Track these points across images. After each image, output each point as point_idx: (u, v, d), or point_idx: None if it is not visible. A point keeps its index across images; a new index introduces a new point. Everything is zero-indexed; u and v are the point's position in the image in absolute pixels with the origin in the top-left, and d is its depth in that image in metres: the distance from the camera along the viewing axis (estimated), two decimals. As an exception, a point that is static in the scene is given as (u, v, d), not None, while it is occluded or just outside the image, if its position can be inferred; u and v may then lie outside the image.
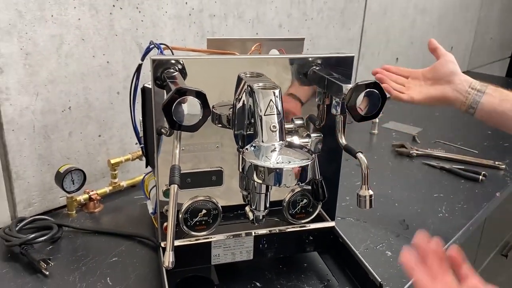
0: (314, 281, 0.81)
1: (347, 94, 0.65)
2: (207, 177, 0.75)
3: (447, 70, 0.92)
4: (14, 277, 0.79)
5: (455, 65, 0.93)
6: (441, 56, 0.95)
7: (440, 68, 0.93)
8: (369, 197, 0.69)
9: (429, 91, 0.92)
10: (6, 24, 0.83)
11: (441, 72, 0.92)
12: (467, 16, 2.49)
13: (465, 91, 0.89)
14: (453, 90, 0.90)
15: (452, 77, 0.91)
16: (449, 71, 0.92)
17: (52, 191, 0.98)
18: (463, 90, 0.89)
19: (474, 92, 0.89)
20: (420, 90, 0.93)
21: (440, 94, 0.91)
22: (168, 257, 0.58)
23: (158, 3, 1.04)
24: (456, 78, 0.91)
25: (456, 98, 0.90)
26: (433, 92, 0.92)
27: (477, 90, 0.89)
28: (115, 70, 1.01)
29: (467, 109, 0.90)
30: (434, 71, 0.94)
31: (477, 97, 0.88)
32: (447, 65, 0.93)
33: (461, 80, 0.91)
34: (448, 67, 0.92)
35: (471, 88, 0.90)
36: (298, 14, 1.42)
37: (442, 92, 0.91)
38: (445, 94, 0.91)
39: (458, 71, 0.92)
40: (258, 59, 0.75)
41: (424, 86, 0.94)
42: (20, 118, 0.89)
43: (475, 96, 0.88)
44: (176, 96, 0.57)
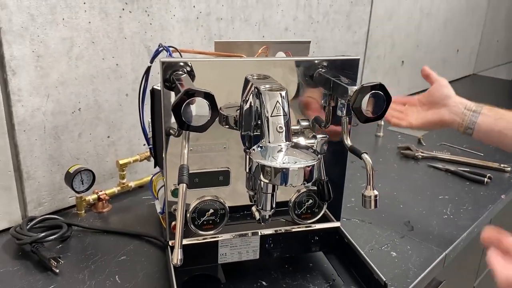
0: (320, 281, 0.82)
1: (352, 96, 0.66)
2: (214, 177, 0.76)
3: (441, 94, 0.95)
4: (25, 274, 0.81)
5: (449, 88, 0.96)
6: (434, 81, 0.98)
7: (435, 92, 0.96)
8: (374, 197, 0.70)
9: (426, 116, 0.95)
10: (19, 27, 0.85)
11: (436, 96, 0.95)
12: (473, 19, 2.49)
13: (461, 113, 0.91)
14: (449, 113, 0.92)
15: (447, 100, 0.93)
16: (443, 95, 0.94)
17: (62, 191, 1.00)
18: (458, 112, 0.92)
19: (470, 113, 0.91)
20: (417, 116, 0.96)
21: (437, 118, 0.93)
22: (176, 254, 0.59)
23: (166, 6, 1.06)
24: (451, 101, 0.93)
25: (453, 120, 0.92)
26: (430, 117, 0.94)
27: (472, 111, 0.91)
28: (124, 73, 1.03)
29: (464, 130, 0.92)
30: (429, 96, 0.97)
31: (473, 118, 0.90)
32: (441, 90, 0.95)
33: (456, 102, 0.93)
34: (442, 91, 0.95)
35: (467, 109, 0.92)
36: (304, 17, 1.43)
37: (439, 116, 0.93)
38: (442, 118, 0.93)
39: (452, 94, 0.95)
40: (264, 61, 0.76)
41: (421, 111, 0.96)
42: (32, 119, 0.91)
43: (471, 117, 0.90)
44: (185, 98, 0.59)
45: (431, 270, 0.88)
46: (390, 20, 1.83)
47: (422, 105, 0.97)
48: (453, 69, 2.47)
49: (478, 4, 2.49)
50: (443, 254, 0.92)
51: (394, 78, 1.99)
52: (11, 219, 0.93)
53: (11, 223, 0.93)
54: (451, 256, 0.95)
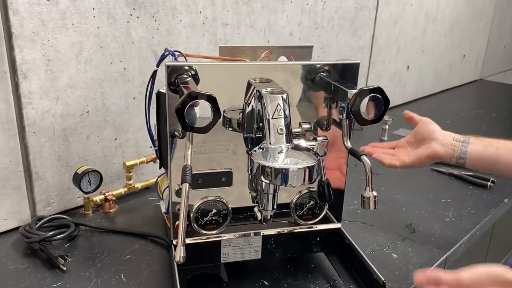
0: (321, 281, 0.84)
1: (351, 99, 0.67)
2: (217, 178, 0.78)
3: (428, 129, 0.96)
4: (34, 271, 0.83)
5: (434, 124, 0.97)
6: (418, 121, 0.99)
7: (421, 130, 0.97)
8: (373, 198, 0.72)
9: (418, 153, 0.95)
10: (30, 32, 0.88)
11: (423, 133, 0.96)
12: (479, 24, 2.50)
13: (450, 144, 0.93)
14: (440, 146, 0.93)
15: (434, 134, 0.95)
16: (430, 130, 0.96)
17: (70, 192, 1.02)
18: (448, 144, 0.93)
19: (459, 144, 0.92)
20: (409, 154, 0.97)
21: (429, 152, 0.94)
22: (179, 252, 0.61)
23: (173, 12, 1.08)
24: (438, 134, 0.95)
25: (445, 152, 0.93)
26: (423, 152, 0.95)
27: (461, 142, 0.92)
28: (131, 76, 1.06)
29: (457, 160, 0.93)
30: (416, 135, 0.98)
31: (463, 148, 0.92)
32: (427, 126, 0.97)
33: (444, 135, 0.94)
34: (428, 127, 0.96)
35: (455, 140, 0.93)
36: (309, 23, 1.45)
37: (430, 150, 0.94)
38: (433, 151, 0.93)
39: (438, 128, 0.96)
40: (267, 65, 0.78)
41: (411, 150, 0.97)
42: (41, 121, 0.94)
43: (461, 146, 0.92)
44: (188, 100, 0.61)
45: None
46: (395, 25, 1.85)
47: (410, 144, 0.99)
48: (459, 74, 2.48)
49: (485, 9, 2.50)
50: (443, 257, 0.93)
51: (400, 83, 2.00)
52: (21, 219, 0.96)
53: (21, 222, 0.96)
54: (452, 258, 0.96)
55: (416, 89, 2.13)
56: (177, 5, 1.08)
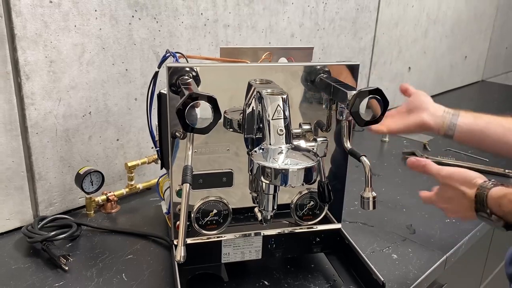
0: (321, 281, 0.84)
1: (351, 100, 0.68)
2: (218, 178, 0.79)
3: (420, 100, 0.96)
4: (36, 271, 0.84)
5: (427, 96, 0.98)
6: (412, 93, 1.00)
7: (413, 100, 0.97)
8: (372, 199, 0.72)
9: (406, 120, 0.96)
10: (33, 34, 0.88)
11: (415, 103, 0.96)
12: (481, 25, 2.50)
13: (440, 115, 0.93)
14: (430, 115, 0.93)
15: (426, 105, 0.95)
16: (422, 100, 0.96)
17: (72, 192, 1.03)
18: (438, 115, 0.93)
19: (449, 116, 0.93)
20: (397, 121, 0.97)
21: (418, 121, 0.94)
22: (179, 251, 0.61)
23: (175, 14, 1.09)
24: (430, 105, 0.95)
25: (434, 122, 0.93)
26: (412, 120, 0.95)
27: (451, 114, 0.93)
28: (133, 78, 1.06)
29: (446, 131, 0.93)
30: (408, 105, 0.98)
31: (453, 120, 0.92)
32: (420, 97, 0.97)
33: (435, 106, 0.95)
34: (420, 98, 0.97)
35: (446, 112, 0.94)
36: (310, 24, 1.46)
37: (420, 119, 0.94)
38: (422, 120, 0.94)
39: (431, 100, 0.96)
40: (267, 67, 0.78)
41: (400, 118, 0.97)
42: (44, 122, 0.95)
43: (451, 118, 0.92)
44: (189, 101, 0.61)
45: (431, 272, 0.89)
46: (396, 26, 1.85)
47: (401, 114, 0.98)
48: (461, 75, 2.48)
49: (486, 10, 2.50)
50: (443, 257, 0.93)
51: (401, 83, 2.00)
52: (23, 219, 0.97)
53: (23, 222, 0.97)
54: (452, 259, 0.96)
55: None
56: (178, 6, 1.09)
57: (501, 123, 0.91)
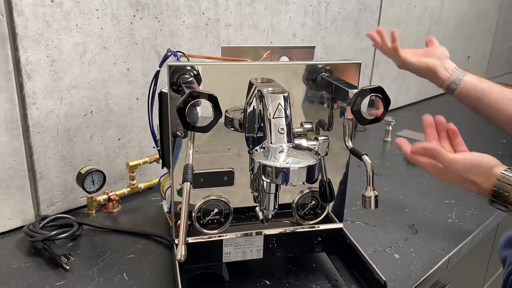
0: (322, 281, 0.84)
1: (352, 99, 0.68)
2: (219, 177, 0.78)
3: (440, 52, 1.03)
4: (37, 270, 0.84)
5: (447, 52, 1.04)
6: (435, 45, 1.07)
7: (434, 49, 1.04)
8: (374, 198, 0.72)
9: (421, 58, 1.02)
10: (35, 33, 0.89)
11: (434, 51, 1.03)
12: (484, 25, 2.49)
13: (451, 69, 1.00)
14: (442, 65, 1.00)
15: (442, 55, 1.02)
16: (441, 52, 1.03)
17: (74, 191, 1.03)
18: (450, 68, 1.00)
19: (459, 72, 1.00)
20: (412, 54, 1.04)
21: (431, 64, 1.01)
22: (180, 250, 0.61)
23: (176, 13, 1.09)
24: (445, 59, 1.02)
25: (443, 73, 1.00)
26: (425, 60, 1.02)
27: (460, 71, 1.00)
28: (134, 77, 1.06)
29: (450, 84, 1.00)
30: (427, 51, 1.05)
31: (460, 75, 0.99)
32: (440, 49, 1.04)
33: (449, 62, 1.02)
34: (440, 50, 1.03)
35: (456, 69, 1.01)
36: (312, 24, 1.46)
37: (433, 63, 1.01)
38: (435, 65, 1.00)
39: (448, 55, 1.03)
40: (269, 65, 0.78)
41: (415, 55, 1.04)
42: (45, 121, 0.95)
43: (459, 74, 0.99)
44: (189, 99, 0.61)
45: (433, 272, 0.89)
46: (399, 26, 1.85)
47: (418, 53, 1.05)
48: (464, 75, 2.46)
49: (489, 11, 2.49)
50: (446, 257, 0.93)
51: (403, 84, 2.00)
52: (25, 218, 0.97)
53: (25, 221, 0.97)
54: (454, 259, 0.96)
55: (420, 90, 2.12)
56: (180, 6, 1.09)
57: (502, 90, 0.96)
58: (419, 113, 1.04)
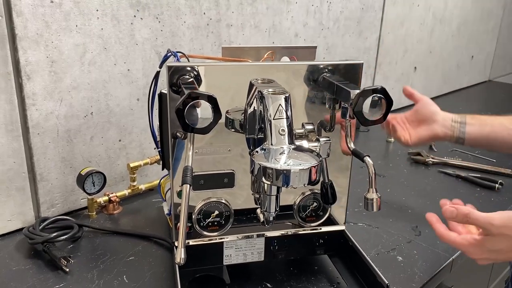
0: (324, 284, 0.83)
1: (354, 99, 0.67)
2: (219, 179, 0.78)
3: (429, 111, 1.01)
4: (37, 273, 0.83)
5: (434, 105, 1.02)
6: (419, 100, 1.04)
7: (422, 110, 1.02)
8: (376, 200, 0.71)
9: (420, 133, 1.00)
10: (34, 34, 0.88)
11: (424, 114, 1.01)
12: (488, 25, 2.47)
13: (450, 126, 0.98)
14: (441, 127, 0.98)
15: (435, 116, 1.00)
16: (431, 111, 1.01)
17: (74, 193, 1.02)
18: (448, 125, 0.98)
19: (457, 125, 0.98)
20: (411, 133, 1.01)
21: (431, 133, 0.99)
22: (179, 253, 0.60)
23: (177, 13, 1.08)
24: (439, 116, 1.00)
25: (445, 134, 0.99)
26: (425, 133, 1.00)
27: (459, 123, 0.98)
28: (135, 78, 1.06)
29: (456, 140, 0.99)
30: (417, 114, 1.02)
31: (461, 129, 0.97)
32: (428, 107, 1.01)
33: (443, 117, 1.00)
34: (429, 108, 1.01)
35: (454, 122, 0.99)
36: (314, 24, 1.45)
37: (432, 131, 0.99)
38: (434, 132, 0.99)
39: (438, 109, 1.01)
40: (269, 66, 0.77)
41: (411, 129, 1.01)
42: (45, 123, 0.94)
43: (460, 128, 0.98)
44: (189, 100, 0.60)
45: (437, 275, 0.88)
46: (402, 25, 1.83)
47: (410, 122, 1.02)
48: (467, 75, 2.45)
49: (493, 10, 2.47)
50: (450, 260, 0.92)
51: (407, 84, 1.99)
52: (25, 220, 0.96)
53: (25, 223, 0.96)
54: (458, 261, 0.94)
55: (423, 90, 2.11)
56: (181, 6, 1.08)
57: (505, 125, 0.96)
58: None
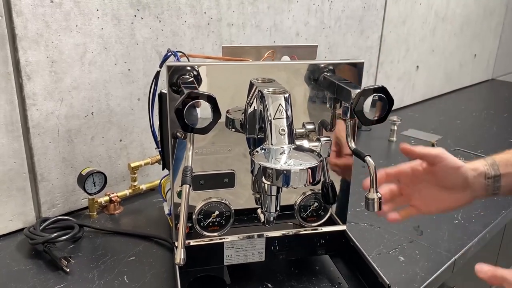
0: (325, 284, 0.83)
1: (355, 99, 0.66)
2: (219, 179, 0.77)
3: (459, 178, 0.74)
4: (37, 273, 0.83)
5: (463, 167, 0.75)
6: (437, 160, 0.76)
7: (449, 177, 0.75)
8: (378, 200, 0.70)
9: (448, 205, 0.77)
10: (34, 34, 0.88)
11: (452, 181, 0.75)
12: (491, 23, 2.46)
13: (484, 184, 0.75)
14: (474, 191, 0.75)
15: (467, 181, 0.74)
16: (462, 178, 0.74)
17: (75, 193, 1.02)
18: (481, 186, 0.75)
19: (491, 181, 0.75)
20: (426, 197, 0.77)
21: (464, 202, 0.77)
22: (179, 254, 0.60)
23: (177, 13, 1.08)
24: (470, 179, 0.74)
25: (476, 197, 0.77)
26: (455, 204, 0.77)
27: (493, 178, 0.75)
28: (136, 77, 1.05)
29: (489, 196, 0.77)
30: (440, 180, 0.76)
31: (496, 184, 0.75)
32: (458, 173, 0.74)
33: (475, 176, 0.75)
34: (459, 174, 0.74)
35: (487, 178, 0.75)
36: (315, 23, 1.44)
37: (465, 200, 0.77)
38: (468, 200, 0.77)
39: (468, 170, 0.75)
40: (270, 65, 0.77)
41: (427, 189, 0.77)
42: (46, 123, 0.94)
43: (494, 183, 0.75)
44: (188, 100, 0.60)
45: (439, 275, 0.87)
46: (404, 24, 1.83)
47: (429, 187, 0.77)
48: (470, 74, 2.44)
49: (496, 8, 2.46)
50: (452, 260, 0.91)
51: (409, 83, 1.98)
52: (26, 220, 0.96)
53: (26, 223, 0.96)
54: (460, 262, 0.94)
55: (425, 89, 2.10)
56: (181, 5, 1.08)
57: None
58: (425, 112, 1.03)
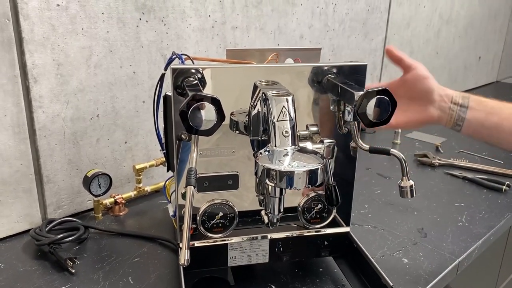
0: (329, 286, 0.83)
1: (358, 101, 0.66)
2: (223, 181, 0.78)
3: (424, 88, 0.80)
4: (43, 274, 0.84)
5: (430, 78, 0.81)
6: (410, 68, 0.82)
7: (417, 85, 0.81)
8: (410, 187, 0.72)
9: (410, 116, 0.82)
10: (41, 37, 0.89)
11: (419, 91, 0.81)
12: (495, 25, 2.46)
13: (448, 107, 0.80)
14: (436, 110, 0.80)
15: (431, 95, 0.80)
16: (427, 88, 0.80)
17: (80, 195, 1.03)
18: (445, 107, 0.80)
19: (458, 108, 0.80)
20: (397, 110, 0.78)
21: (424, 117, 0.82)
22: (183, 255, 0.60)
23: (182, 16, 1.09)
24: (435, 95, 0.80)
25: (440, 117, 0.81)
26: (416, 116, 0.82)
27: (460, 105, 0.80)
28: (141, 80, 1.06)
29: (452, 126, 0.82)
30: (408, 89, 0.82)
31: (461, 113, 0.80)
32: (423, 83, 0.80)
33: (441, 95, 0.81)
34: (424, 84, 0.80)
35: (454, 103, 0.80)
36: (319, 25, 1.45)
37: (426, 114, 0.81)
38: (429, 116, 0.81)
39: (435, 84, 0.81)
40: (273, 67, 0.77)
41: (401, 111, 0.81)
42: (52, 125, 0.95)
43: (459, 112, 0.80)
44: (192, 102, 0.61)
45: (443, 277, 0.87)
46: (408, 27, 1.83)
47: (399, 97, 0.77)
48: (475, 76, 2.44)
49: (501, 10, 2.45)
50: (456, 262, 0.91)
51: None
52: (32, 221, 0.97)
53: (32, 225, 0.97)
54: (464, 263, 0.94)
55: (430, 91, 2.10)
56: (186, 9, 1.09)
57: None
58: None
